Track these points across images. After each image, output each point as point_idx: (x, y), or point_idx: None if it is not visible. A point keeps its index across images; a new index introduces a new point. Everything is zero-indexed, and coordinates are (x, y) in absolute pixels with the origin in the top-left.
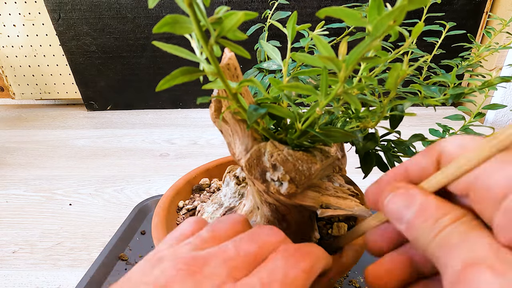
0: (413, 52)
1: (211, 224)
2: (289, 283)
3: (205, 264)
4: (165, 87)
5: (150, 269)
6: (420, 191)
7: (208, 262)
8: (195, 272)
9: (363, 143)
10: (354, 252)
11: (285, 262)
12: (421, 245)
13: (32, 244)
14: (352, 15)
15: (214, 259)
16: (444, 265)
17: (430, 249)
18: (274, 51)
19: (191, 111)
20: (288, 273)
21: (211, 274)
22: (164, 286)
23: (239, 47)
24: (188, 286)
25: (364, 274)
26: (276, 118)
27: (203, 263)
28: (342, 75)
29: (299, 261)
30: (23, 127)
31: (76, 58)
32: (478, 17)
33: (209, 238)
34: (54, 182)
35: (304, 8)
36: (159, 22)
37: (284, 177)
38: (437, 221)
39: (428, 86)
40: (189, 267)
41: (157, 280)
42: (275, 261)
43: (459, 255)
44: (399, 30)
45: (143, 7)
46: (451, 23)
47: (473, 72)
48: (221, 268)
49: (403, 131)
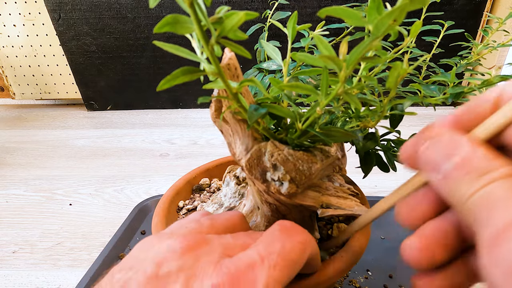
0: (412, 51)
1: (212, 215)
2: (287, 253)
3: (204, 243)
4: (166, 87)
5: (150, 246)
6: (468, 140)
7: (207, 242)
8: (194, 249)
9: (363, 142)
10: (352, 254)
11: (281, 235)
12: (457, 201)
13: (32, 244)
14: (353, 14)
15: (213, 240)
16: (483, 225)
17: (467, 206)
18: (275, 51)
19: (191, 111)
20: (285, 245)
21: (209, 251)
22: (163, 259)
23: (239, 47)
24: (186, 260)
25: (404, 253)
26: (276, 118)
27: (202, 242)
28: (342, 74)
29: (295, 235)
30: (23, 127)
31: (76, 58)
32: (478, 17)
33: (208, 225)
34: (54, 182)
35: (304, 8)
36: (160, 22)
37: (284, 177)
38: (483, 175)
39: (427, 85)
40: (188, 244)
41: (157, 255)
42: (272, 234)
43: (503, 214)
44: (398, 29)
45: (143, 7)
46: (450, 22)
47: (473, 71)
48: (219, 247)
49: (403, 131)
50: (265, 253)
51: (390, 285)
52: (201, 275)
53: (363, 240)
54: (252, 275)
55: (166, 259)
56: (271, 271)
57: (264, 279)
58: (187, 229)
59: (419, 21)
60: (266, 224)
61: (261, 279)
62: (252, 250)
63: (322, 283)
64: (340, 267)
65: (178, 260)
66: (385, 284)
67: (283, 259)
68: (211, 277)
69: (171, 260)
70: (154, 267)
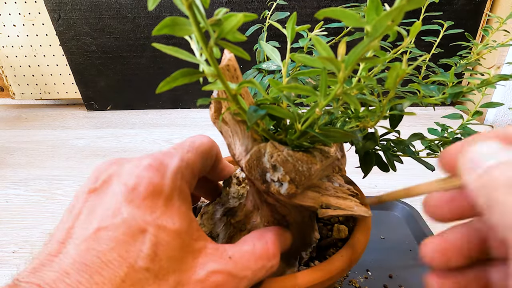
0: (412, 51)
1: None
2: (197, 146)
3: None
4: (166, 89)
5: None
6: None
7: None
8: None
9: (363, 143)
10: (352, 254)
11: (189, 141)
12: (490, 204)
13: (32, 244)
14: (351, 16)
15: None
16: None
17: (501, 209)
18: (274, 52)
19: (191, 111)
20: (195, 139)
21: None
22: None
23: (238, 48)
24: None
25: (421, 250)
26: (275, 119)
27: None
28: (341, 75)
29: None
30: (23, 127)
31: (76, 58)
32: (478, 17)
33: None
34: (54, 182)
35: (303, 8)
36: (159, 24)
37: (284, 177)
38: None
39: (427, 85)
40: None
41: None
42: (181, 143)
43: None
44: (397, 30)
45: (143, 7)
46: (449, 22)
47: (472, 71)
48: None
49: (403, 131)
50: (177, 146)
51: (390, 285)
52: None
53: (363, 240)
54: (168, 157)
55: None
56: (184, 154)
57: (179, 156)
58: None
59: (418, 22)
60: (265, 225)
61: (176, 155)
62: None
63: (322, 283)
64: (340, 267)
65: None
66: (385, 284)
67: (193, 147)
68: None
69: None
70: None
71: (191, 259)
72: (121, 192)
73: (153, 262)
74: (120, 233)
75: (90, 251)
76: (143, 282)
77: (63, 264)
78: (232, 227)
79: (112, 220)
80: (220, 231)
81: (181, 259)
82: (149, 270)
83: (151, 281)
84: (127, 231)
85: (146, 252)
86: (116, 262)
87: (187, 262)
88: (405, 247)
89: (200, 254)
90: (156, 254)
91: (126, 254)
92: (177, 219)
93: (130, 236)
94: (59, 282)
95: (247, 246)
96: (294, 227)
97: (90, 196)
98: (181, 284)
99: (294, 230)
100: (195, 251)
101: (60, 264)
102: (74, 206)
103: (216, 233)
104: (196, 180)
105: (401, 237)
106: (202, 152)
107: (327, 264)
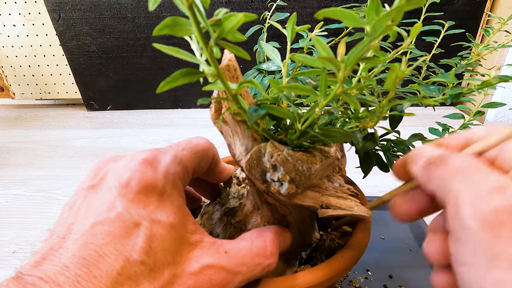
0: (412, 52)
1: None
2: (193, 146)
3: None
4: (166, 89)
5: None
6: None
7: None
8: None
9: (363, 143)
10: (352, 254)
11: (186, 141)
12: (430, 179)
13: (32, 244)
14: (350, 16)
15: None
16: (465, 188)
17: (448, 184)
18: (274, 52)
19: (191, 111)
20: (192, 140)
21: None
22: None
23: (239, 48)
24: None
25: (424, 245)
26: (276, 118)
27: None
28: (341, 75)
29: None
30: (23, 127)
31: (76, 58)
32: (478, 17)
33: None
34: (54, 182)
35: (304, 8)
36: (159, 24)
37: (284, 177)
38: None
39: (427, 86)
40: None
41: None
42: (177, 143)
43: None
44: (397, 30)
45: (143, 7)
46: (450, 22)
47: (472, 72)
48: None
49: (403, 131)
50: (173, 144)
51: (390, 285)
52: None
53: (363, 240)
54: (163, 153)
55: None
56: (179, 151)
57: (173, 152)
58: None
59: (419, 23)
60: (265, 225)
61: (170, 152)
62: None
63: (323, 283)
64: (340, 267)
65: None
66: (385, 284)
67: (189, 146)
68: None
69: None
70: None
71: (186, 252)
72: (115, 187)
73: (148, 255)
74: (116, 227)
75: (87, 245)
76: (139, 274)
77: (63, 258)
78: (232, 227)
79: (107, 215)
80: (220, 231)
81: (176, 252)
82: (144, 263)
83: (146, 273)
84: (122, 225)
85: (141, 245)
86: (112, 255)
87: (182, 255)
88: (405, 247)
89: (195, 247)
90: (150, 247)
91: (121, 248)
92: (171, 212)
93: (125, 230)
94: (59, 275)
95: (245, 242)
96: (294, 227)
97: (89, 192)
98: (175, 276)
99: (294, 230)
100: (190, 244)
101: (61, 258)
102: (74, 202)
103: (216, 233)
104: (190, 178)
105: (401, 237)
106: (198, 152)
107: (327, 264)
